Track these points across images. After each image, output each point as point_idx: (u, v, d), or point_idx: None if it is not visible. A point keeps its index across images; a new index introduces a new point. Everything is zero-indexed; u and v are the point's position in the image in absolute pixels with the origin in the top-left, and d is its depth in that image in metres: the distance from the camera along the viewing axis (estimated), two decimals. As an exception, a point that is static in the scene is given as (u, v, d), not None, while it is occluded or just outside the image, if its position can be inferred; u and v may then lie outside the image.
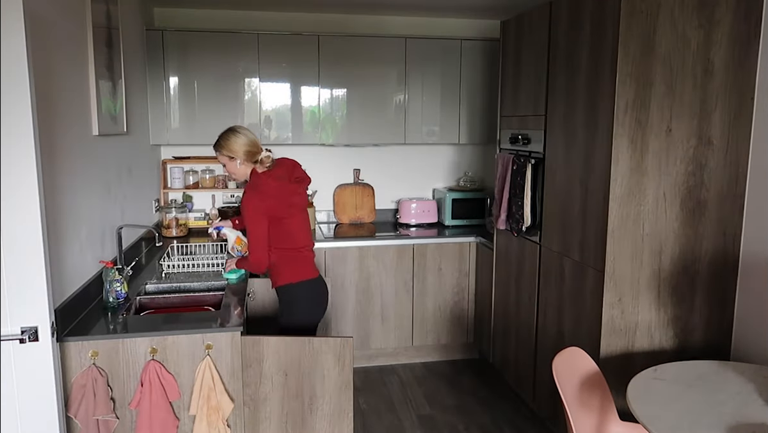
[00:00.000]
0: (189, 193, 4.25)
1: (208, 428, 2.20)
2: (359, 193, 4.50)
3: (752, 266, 2.62)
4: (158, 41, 3.81)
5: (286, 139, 4.08)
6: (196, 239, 3.90)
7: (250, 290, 3.04)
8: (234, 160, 2.69)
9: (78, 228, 2.38)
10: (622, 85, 2.45)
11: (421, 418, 3.42)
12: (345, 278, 3.93)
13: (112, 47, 2.91)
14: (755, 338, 2.60)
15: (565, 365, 2.22)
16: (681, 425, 1.88)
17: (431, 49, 4.14)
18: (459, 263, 4.08)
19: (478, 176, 4.66)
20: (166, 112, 3.89)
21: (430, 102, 4.21)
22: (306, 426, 2.38)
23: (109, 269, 2.53)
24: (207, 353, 2.21)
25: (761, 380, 2.14)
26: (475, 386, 3.83)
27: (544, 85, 3.07)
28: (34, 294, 1.82)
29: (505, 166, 3.45)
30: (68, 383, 2.11)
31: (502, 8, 3.99)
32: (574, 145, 2.80)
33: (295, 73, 4.01)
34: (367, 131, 4.17)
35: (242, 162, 2.70)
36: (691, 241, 2.63)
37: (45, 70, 2.06)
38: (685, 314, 2.67)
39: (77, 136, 2.40)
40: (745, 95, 2.57)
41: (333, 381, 2.35)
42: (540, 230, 3.14)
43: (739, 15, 2.51)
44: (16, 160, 1.74)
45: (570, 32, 2.82)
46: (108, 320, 2.32)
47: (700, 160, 2.58)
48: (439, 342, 4.18)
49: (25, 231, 1.78)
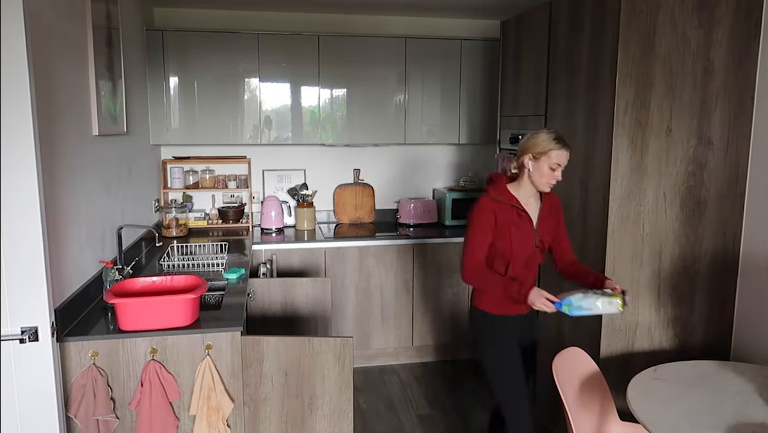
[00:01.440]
0: (189, 193, 4.25)
1: (208, 428, 2.20)
2: (359, 193, 4.50)
3: (752, 266, 2.62)
4: (158, 41, 3.81)
5: (286, 139, 4.08)
6: (196, 239, 3.90)
7: (250, 290, 3.04)
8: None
9: (78, 228, 2.38)
10: (622, 85, 2.45)
11: (421, 418, 3.42)
12: (345, 278, 3.93)
13: (112, 47, 2.91)
14: (755, 338, 2.60)
15: (565, 365, 2.22)
16: (681, 425, 1.88)
17: (431, 49, 4.14)
18: (459, 263, 4.07)
19: (478, 176, 4.66)
20: (166, 112, 3.89)
21: (430, 102, 4.21)
22: (306, 426, 2.38)
23: (109, 269, 2.53)
24: (207, 353, 2.21)
25: (761, 380, 2.14)
26: (475, 386, 3.83)
27: (544, 85, 3.07)
28: (34, 294, 1.82)
29: (505, 166, 3.45)
30: (68, 383, 2.11)
31: (502, 8, 3.99)
32: (574, 145, 2.79)
33: (295, 73, 4.01)
34: (367, 131, 4.17)
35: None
36: (691, 241, 2.63)
37: (45, 70, 2.06)
38: (685, 314, 2.67)
39: (77, 136, 2.39)
40: (745, 95, 2.57)
41: (333, 381, 2.35)
42: (540, 230, 3.14)
43: (739, 15, 2.51)
44: (16, 160, 1.74)
45: (570, 32, 2.82)
46: (108, 320, 2.31)
47: (700, 160, 2.58)
48: (440, 342, 4.18)
49: (25, 231, 1.78)
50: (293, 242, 3.89)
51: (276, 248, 3.84)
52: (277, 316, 3.15)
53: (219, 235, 4.03)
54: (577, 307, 2.12)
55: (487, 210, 2.28)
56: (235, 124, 3.99)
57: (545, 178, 2.25)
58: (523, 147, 2.29)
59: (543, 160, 2.23)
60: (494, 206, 2.28)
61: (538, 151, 2.23)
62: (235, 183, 4.25)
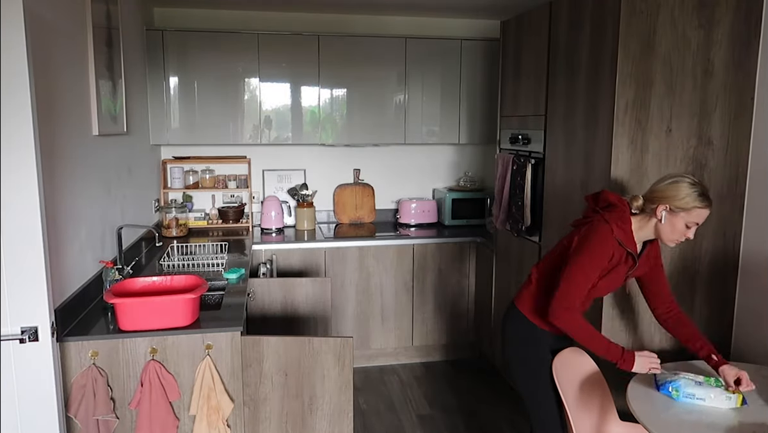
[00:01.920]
0: (189, 193, 4.25)
1: (208, 428, 2.20)
2: (359, 193, 4.50)
3: (752, 266, 2.62)
4: (158, 41, 3.81)
5: (286, 139, 4.08)
6: (196, 239, 3.90)
7: (250, 290, 3.04)
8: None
9: (78, 228, 2.38)
10: (622, 85, 2.45)
11: (421, 418, 3.42)
12: (345, 277, 3.93)
13: (112, 47, 2.91)
14: (755, 338, 2.60)
15: (565, 365, 2.22)
16: (681, 425, 1.88)
17: (431, 49, 4.14)
18: (459, 263, 4.08)
19: (478, 176, 4.66)
20: (166, 112, 3.89)
21: (430, 102, 4.21)
22: (306, 426, 2.38)
23: (109, 268, 2.54)
24: (207, 353, 2.21)
25: (761, 380, 2.14)
26: (475, 386, 3.83)
27: (544, 85, 3.07)
28: (34, 294, 1.82)
29: (505, 166, 3.45)
30: (68, 383, 2.11)
31: (502, 8, 3.99)
32: (574, 145, 2.80)
33: (295, 73, 4.01)
34: (367, 131, 4.17)
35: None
36: (691, 241, 2.63)
37: (45, 70, 2.06)
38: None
39: (77, 136, 2.40)
40: (745, 95, 2.57)
41: (333, 381, 2.35)
42: (540, 230, 3.14)
43: (739, 15, 2.51)
44: (16, 160, 1.75)
45: (570, 32, 2.82)
46: (108, 319, 2.31)
47: (700, 160, 2.58)
48: (439, 342, 4.18)
49: (25, 231, 1.78)
50: (293, 242, 3.89)
51: (276, 248, 3.84)
52: (277, 316, 3.15)
53: (219, 235, 4.03)
54: (689, 394, 1.97)
55: (608, 249, 2.03)
56: (235, 124, 3.99)
57: (676, 235, 2.03)
58: (660, 194, 2.04)
59: (681, 216, 2.00)
60: (615, 246, 2.05)
61: (679, 205, 1.99)
62: (235, 183, 4.25)
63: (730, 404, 1.95)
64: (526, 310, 2.24)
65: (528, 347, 2.23)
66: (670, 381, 2.02)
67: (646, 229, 2.10)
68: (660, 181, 2.10)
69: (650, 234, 2.11)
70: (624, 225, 2.07)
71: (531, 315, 2.22)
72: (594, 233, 2.05)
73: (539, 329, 2.21)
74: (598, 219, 2.09)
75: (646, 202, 2.10)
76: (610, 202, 2.13)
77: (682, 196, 2.00)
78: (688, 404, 1.98)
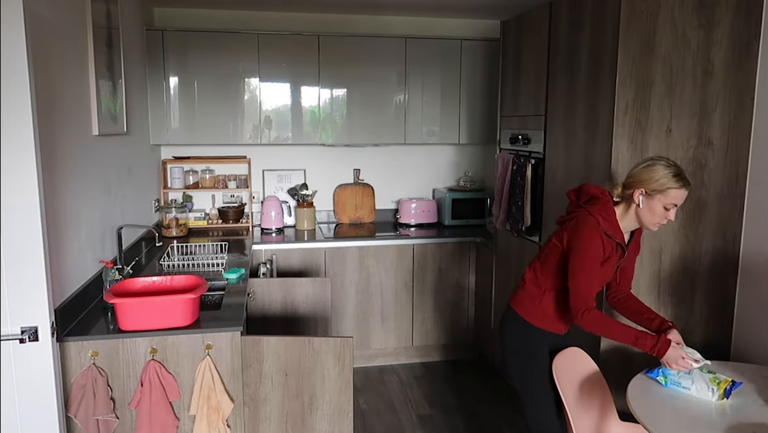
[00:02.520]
0: (189, 193, 4.25)
1: (208, 428, 2.20)
2: (359, 193, 4.50)
3: (752, 266, 2.62)
4: (158, 41, 3.81)
5: (286, 139, 4.08)
6: (196, 238, 3.90)
7: (250, 290, 3.04)
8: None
9: (78, 228, 2.38)
10: (622, 85, 2.45)
11: (421, 418, 3.42)
12: (345, 277, 3.93)
13: (112, 47, 2.91)
14: (755, 338, 2.60)
15: (565, 365, 2.22)
16: (681, 425, 1.88)
17: (431, 49, 4.14)
18: (459, 263, 4.08)
19: (478, 176, 4.66)
20: (166, 112, 3.89)
21: (430, 102, 4.21)
22: (306, 426, 2.38)
23: (109, 268, 2.54)
24: (207, 353, 2.21)
25: (761, 380, 2.14)
26: (475, 386, 3.83)
27: (544, 85, 3.07)
28: (34, 294, 1.82)
29: (505, 166, 3.45)
30: (68, 383, 2.11)
31: (502, 8, 3.99)
32: (574, 146, 2.80)
33: (295, 73, 4.01)
34: (367, 131, 4.17)
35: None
36: (691, 241, 2.63)
37: (45, 70, 2.06)
38: (685, 314, 2.67)
39: (77, 136, 2.39)
40: (745, 95, 2.57)
41: (333, 381, 2.35)
42: (540, 230, 3.14)
43: (739, 15, 2.51)
44: (16, 159, 1.74)
45: (570, 32, 2.82)
46: (108, 319, 2.31)
47: (700, 160, 2.58)
48: (439, 342, 4.18)
49: (25, 231, 1.78)
50: (293, 242, 3.89)
51: (276, 248, 3.84)
52: (277, 316, 3.15)
53: (219, 235, 4.03)
54: (674, 382, 2.01)
55: (599, 243, 2.03)
56: (235, 124, 3.99)
57: (657, 218, 2.02)
58: (635, 178, 2.04)
59: (658, 198, 1.99)
60: (604, 238, 2.05)
61: (654, 187, 1.98)
62: (235, 183, 4.25)
63: (710, 397, 1.97)
64: (521, 310, 2.25)
65: (524, 346, 2.24)
66: (660, 367, 2.05)
67: (629, 216, 2.10)
68: (636, 166, 2.10)
69: (634, 222, 2.10)
70: (609, 216, 2.07)
71: (526, 315, 2.23)
72: (582, 229, 2.05)
73: (536, 328, 2.22)
74: (583, 214, 2.09)
75: (624, 189, 2.09)
76: (592, 195, 2.13)
77: (657, 178, 1.99)
78: (674, 391, 2.03)
